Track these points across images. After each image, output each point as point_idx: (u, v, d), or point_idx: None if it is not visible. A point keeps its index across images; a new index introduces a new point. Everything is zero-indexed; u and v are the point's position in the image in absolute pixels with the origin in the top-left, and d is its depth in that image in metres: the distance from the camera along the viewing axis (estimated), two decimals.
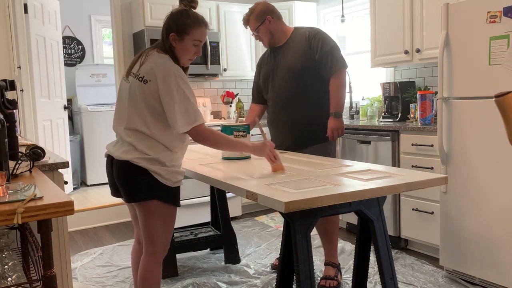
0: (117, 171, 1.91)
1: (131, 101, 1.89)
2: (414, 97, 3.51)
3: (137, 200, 1.90)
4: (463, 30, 2.64)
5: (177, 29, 1.89)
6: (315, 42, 2.68)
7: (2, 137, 1.44)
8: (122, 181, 1.91)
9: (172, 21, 1.91)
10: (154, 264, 1.97)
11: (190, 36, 1.91)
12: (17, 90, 4.09)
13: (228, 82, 5.04)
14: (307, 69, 2.69)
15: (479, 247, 2.64)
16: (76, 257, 3.40)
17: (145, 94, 1.84)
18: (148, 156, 1.84)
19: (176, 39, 1.90)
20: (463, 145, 2.70)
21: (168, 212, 1.94)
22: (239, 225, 4.10)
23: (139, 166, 1.84)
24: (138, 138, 1.87)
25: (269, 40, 2.80)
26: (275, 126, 2.89)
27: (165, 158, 1.87)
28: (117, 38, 4.40)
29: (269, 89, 2.87)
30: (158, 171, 1.85)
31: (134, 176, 1.86)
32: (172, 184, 1.90)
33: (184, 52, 1.93)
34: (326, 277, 2.74)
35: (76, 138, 5.72)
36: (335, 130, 2.72)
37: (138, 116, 1.87)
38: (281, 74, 2.77)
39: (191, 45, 1.92)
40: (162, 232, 1.95)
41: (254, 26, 2.77)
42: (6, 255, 1.53)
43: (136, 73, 1.90)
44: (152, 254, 1.96)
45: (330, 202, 1.50)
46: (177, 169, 1.94)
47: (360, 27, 4.43)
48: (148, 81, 1.84)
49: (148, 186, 1.86)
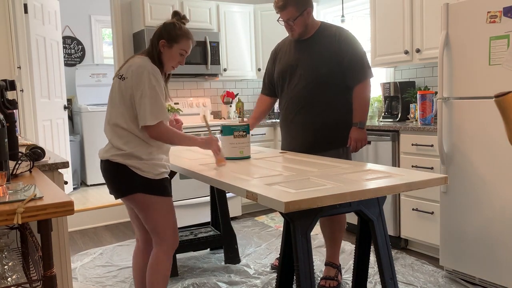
0: (102, 171, 2.06)
1: (112, 98, 2.04)
2: (414, 97, 3.51)
3: (123, 195, 2.01)
4: (463, 30, 2.64)
5: (168, 37, 2.05)
6: (346, 45, 2.55)
7: (2, 137, 1.44)
8: (106, 179, 2.04)
9: (165, 30, 2.06)
10: (163, 255, 2.05)
11: (179, 45, 2.06)
12: (17, 90, 4.09)
13: (228, 82, 5.03)
14: (332, 72, 2.56)
15: (479, 247, 2.64)
16: (76, 257, 3.40)
17: (122, 90, 1.98)
18: (123, 152, 1.95)
19: (166, 45, 2.05)
20: (463, 145, 2.70)
21: (158, 203, 2.01)
22: (239, 225, 4.10)
23: (117, 162, 1.95)
24: (115, 133, 1.99)
25: (302, 32, 2.61)
26: (289, 128, 2.73)
27: (140, 152, 1.96)
28: (117, 38, 4.40)
29: (286, 87, 2.70)
30: (135, 165, 1.95)
31: (114, 172, 1.99)
32: (154, 176, 1.98)
33: (170, 58, 2.07)
34: (326, 277, 2.73)
35: (76, 138, 5.72)
36: (359, 141, 2.61)
37: (116, 110, 2.00)
38: (302, 73, 2.61)
39: (177, 54, 2.07)
40: (162, 222, 2.04)
41: (293, 15, 2.54)
42: (6, 255, 1.53)
43: (117, 73, 2.06)
44: (160, 244, 2.06)
45: (330, 202, 1.50)
46: (157, 162, 2.01)
47: (360, 27, 4.43)
48: (126, 78, 1.98)
49: (129, 180, 1.96)
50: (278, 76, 2.75)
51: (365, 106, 2.62)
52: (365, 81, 2.59)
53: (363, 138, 2.63)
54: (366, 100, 2.62)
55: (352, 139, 2.62)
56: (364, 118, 2.62)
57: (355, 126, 2.61)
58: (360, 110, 2.61)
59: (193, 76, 4.63)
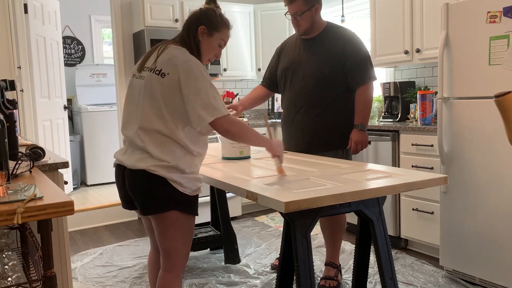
0: (131, 182, 1.74)
1: (147, 97, 1.73)
2: (414, 97, 3.51)
3: (154, 213, 1.74)
4: (463, 30, 2.64)
5: (209, 23, 1.80)
6: (350, 48, 2.55)
7: (2, 137, 1.44)
8: (137, 193, 1.74)
9: (204, 15, 1.81)
10: (174, 280, 1.81)
11: (220, 34, 1.84)
12: (17, 90, 4.09)
13: (228, 82, 5.04)
14: (334, 73, 2.55)
15: (479, 247, 2.64)
16: (76, 257, 3.40)
17: (163, 88, 1.69)
18: (166, 163, 1.67)
19: (206, 33, 1.80)
20: (463, 145, 2.70)
21: (186, 222, 1.78)
22: (239, 225, 4.10)
23: (156, 175, 1.67)
24: (153, 141, 1.70)
25: (308, 29, 2.59)
26: (289, 127, 2.73)
27: (184, 164, 1.71)
28: (117, 38, 4.40)
29: (288, 86, 2.69)
30: (177, 179, 1.68)
31: (150, 186, 1.69)
32: (191, 192, 1.74)
33: (210, 48, 1.83)
34: (326, 277, 2.73)
35: (76, 138, 5.72)
36: (359, 144, 2.59)
37: (155, 113, 1.70)
38: (305, 70, 2.61)
39: (217, 44, 1.85)
40: (181, 244, 1.79)
41: (301, 9, 2.52)
42: (6, 255, 1.53)
43: (151, 66, 1.74)
44: (172, 269, 1.80)
45: (330, 202, 1.50)
46: (197, 176, 1.78)
47: (360, 27, 4.43)
48: (167, 74, 1.69)
49: (166, 197, 1.70)
50: (281, 73, 2.75)
51: (367, 108, 2.61)
52: (368, 83, 2.59)
53: (364, 140, 2.62)
54: (368, 102, 2.61)
55: (352, 141, 2.61)
56: (365, 121, 2.61)
57: (356, 128, 2.60)
58: (362, 112, 2.60)
59: None
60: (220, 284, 2.82)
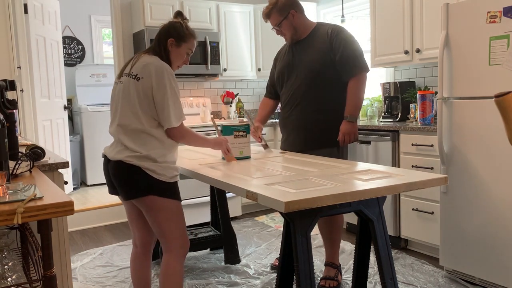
0: (112, 171, 2.00)
1: (125, 99, 1.98)
2: (414, 97, 3.51)
3: (133, 197, 1.97)
4: (463, 30, 2.64)
5: (177, 36, 2.05)
6: (337, 42, 2.56)
7: (2, 137, 1.44)
8: (118, 180, 1.99)
9: (173, 29, 2.06)
10: (174, 260, 2.01)
11: (187, 44, 2.08)
12: (17, 90, 4.09)
13: (228, 82, 5.04)
14: (326, 69, 2.58)
15: (479, 247, 2.64)
16: (76, 257, 3.40)
17: (138, 91, 1.94)
18: (138, 154, 1.92)
19: (174, 44, 2.05)
20: (463, 145, 2.70)
21: (169, 206, 1.98)
22: (239, 225, 4.10)
23: (131, 164, 1.91)
24: (128, 135, 1.96)
25: (292, 35, 2.67)
26: (286, 125, 2.76)
27: (156, 154, 1.94)
28: (117, 38, 4.40)
29: (284, 86, 2.74)
30: (150, 167, 1.92)
31: (128, 174, 1.94)
32: (168, 179, 1.96)
33: (178, 57, 2.08)
34: (326, 277, 2.73)
35: (76, 138, 5.72)
36: (347, 135, 2.58)
37: (130, 110, 1.96)
38: (297, 71, 2.65)
39: (184, 53, 2.09)
40: (170, 226, 2.00)
41: (277, 20, 2.64)
42: (6, 255, 1.53)
43: (128, 72, 2.00)
44: (170, 250, 2.01)
45: (330, 202, 1.50)
46: (171, 165, 1.99)
47: (360, 27, 4.43)
48: (141, 78, 1.94)
49: (143, 183, 1.93)
50: (277, 77, 2.82)
51: (357, 100, 2.59)
52: (359, 75, 2.58)
53: (352, 132, 2.60)
54: (359, 94, 2.60)
55: (340, 132, 2.60)
56: (354, 112, 2.59)
57: (345, 119, 2.59)
58: (351, 103, 2.59)
59: (193, 76, 4.63)
60: (221, 285, 2.82)
